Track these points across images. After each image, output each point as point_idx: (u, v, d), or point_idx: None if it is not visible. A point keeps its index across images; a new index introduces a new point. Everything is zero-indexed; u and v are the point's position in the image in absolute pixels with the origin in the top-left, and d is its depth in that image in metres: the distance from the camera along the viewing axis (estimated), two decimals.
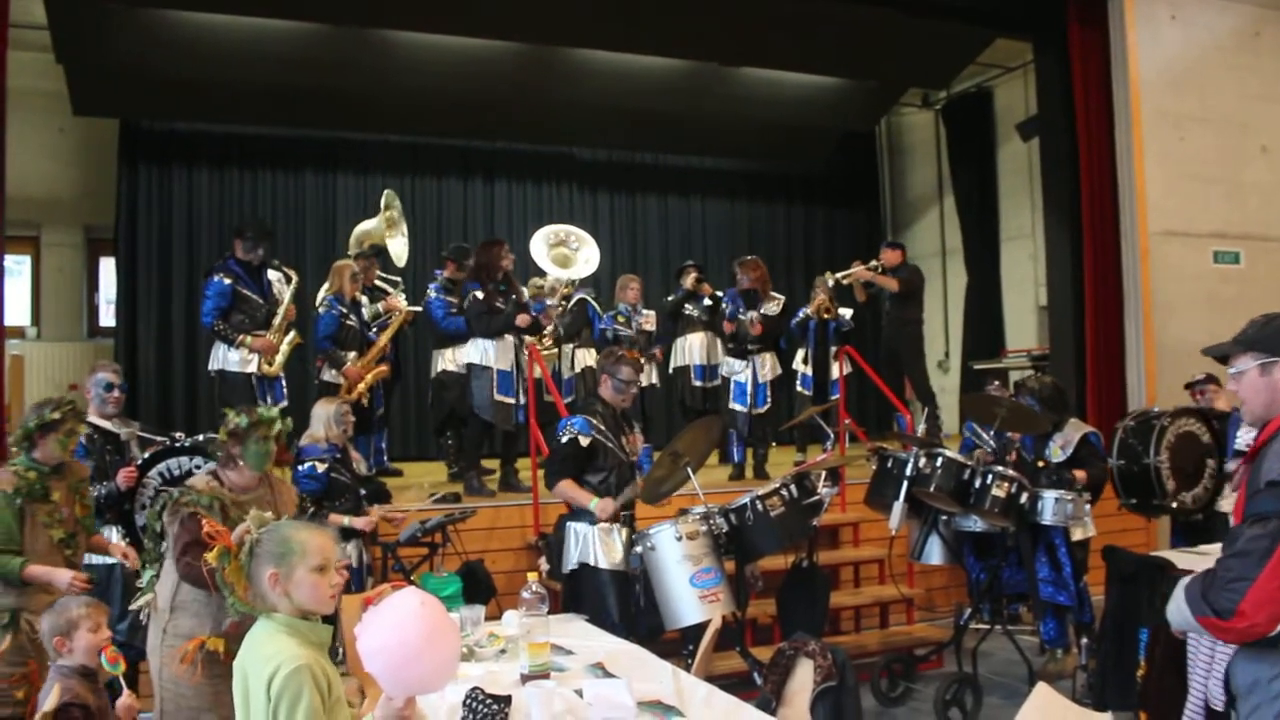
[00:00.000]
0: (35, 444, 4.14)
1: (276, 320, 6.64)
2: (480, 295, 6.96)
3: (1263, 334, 2.60)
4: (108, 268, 10.28)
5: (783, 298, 8.28)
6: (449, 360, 7.78)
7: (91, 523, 4.40)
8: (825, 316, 8.80)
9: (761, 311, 7.94)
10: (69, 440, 4.22)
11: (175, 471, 4.99)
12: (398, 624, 2.59)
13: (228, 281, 6.54)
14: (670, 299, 8.68)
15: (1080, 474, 5.60)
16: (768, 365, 8.05)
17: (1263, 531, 2.29)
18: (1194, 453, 5.98)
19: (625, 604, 4.68)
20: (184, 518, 3.64)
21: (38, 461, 4.15)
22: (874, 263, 9.05)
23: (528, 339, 7.19)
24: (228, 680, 3.61)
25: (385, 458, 8.50)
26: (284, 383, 6.76)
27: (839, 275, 9.01)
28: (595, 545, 4.74)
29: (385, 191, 8.93)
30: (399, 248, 8.74)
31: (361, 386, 7.23)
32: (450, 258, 8.23)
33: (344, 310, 7.40)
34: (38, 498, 4.11)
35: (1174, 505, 5.95)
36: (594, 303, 8.58)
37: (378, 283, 8.33)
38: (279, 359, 6.62)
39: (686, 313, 8.47)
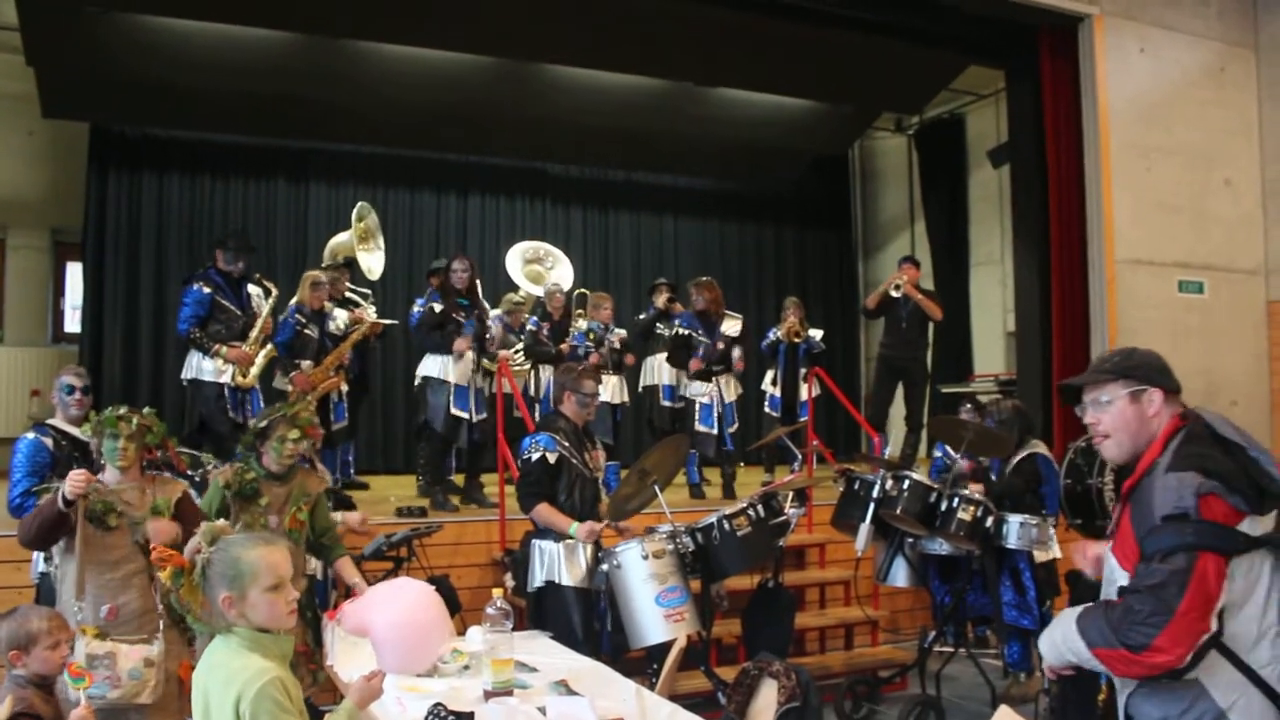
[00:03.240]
0: (260, 451, 4.44)
1: (253, 333, 6.63)
2: (437, 309, 7.00)
3: (1129, 363, 2.61)
4: (74, 272, 10.15)
5: (741, 317, 8.32)
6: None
7: (300, 538, 4.48)
8: (795, 340, 8.83)
9: (722, 332, 8.00)
10: (282, 447, 4.42)
11: None
12: (419, 604, 2.61)
13: (207, 290, 6.54)
14: (641, 317, 8.70)
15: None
16: (731, 386, 8.10)
17: (1173, 567, 2.30)
18: None
19: (589, 622, 4.67)
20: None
21: (262, 465, 4.43)
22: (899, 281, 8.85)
23: (501, 354, 7.20)
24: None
25: (352, 470, 8.45)
26: (259, 395, 6.73)
27: (895, 282, 8.75)
28: (560, 563, 4.73)
29: (359, 204, 8.91)
30: (372, 261, 8.71)
31: (310, 397, 7.17)
32: (433, 273, 8.25)
33: (302, 320, 7.37)
34: (246, 496, 4.34)
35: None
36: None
37: (348, 294, 8.30)
38: (254, 371, 6.60)
39: (658, 332, 8.49)
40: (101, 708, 3.52)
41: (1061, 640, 2.48)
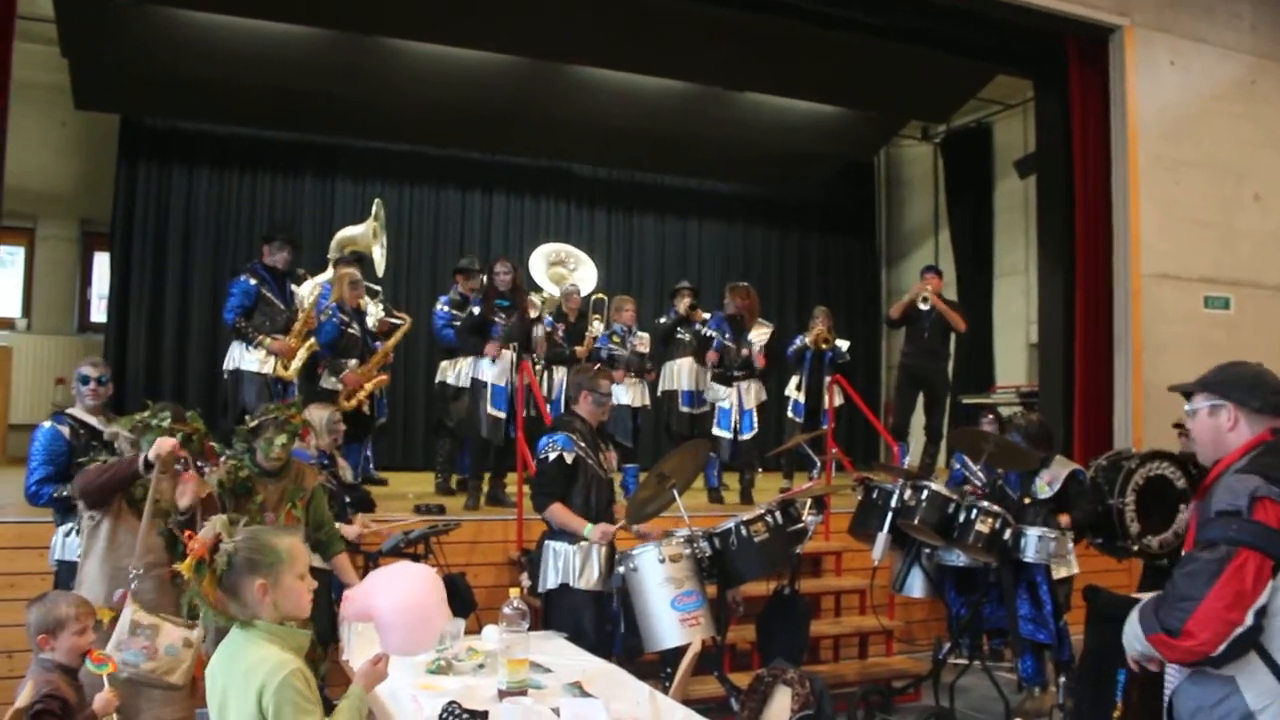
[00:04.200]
0: (252, 448, 4.43)
1: (297, 325, 6.72)
2: (476, 312, 7.05)
3: (1218, 378, 2.75)
4: (102, 263, 10.26)
5: (772, 326, 8.31)
6: (447, 372, 7.80)
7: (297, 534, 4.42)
8: (824, 347, 8.78)
9: (752, 340, 8.00)
10: (270, 447, 4.41)
11: None
12: (421, 586, 2.67)
13: (253, 283, 6.73)
14: (662, 321, 8.68)
15: (1065, 518, 5.60)
16: (753, 391, 8.08)
17: (1211, 556, 2.43)
18: (1166, 497, 5.96)
19: (602, 625, 4.66)
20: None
21: (255, 462, 4.41)
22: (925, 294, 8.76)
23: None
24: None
25: (371, 466, 8.49)
26: (296, 388, 6.81)
27: (920, 293, 8.67)
28: (574, 565, 4.71)
29: (375, 200, 8.94)
30: (380, 256, 8.76)
31: (361, 394, 7.24)
32: (459, 272, 8.28)
33: (345, 318, 7.43)
34: (240, 494, 4.35)
35: (1136, 548, 5.95)
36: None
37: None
38: (295, 364, 6.68)
39: (678, 337, 8.49)
40: (130, 677, 3.55)
41: (1132, 634, 2.60)
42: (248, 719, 2.36)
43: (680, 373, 8.41)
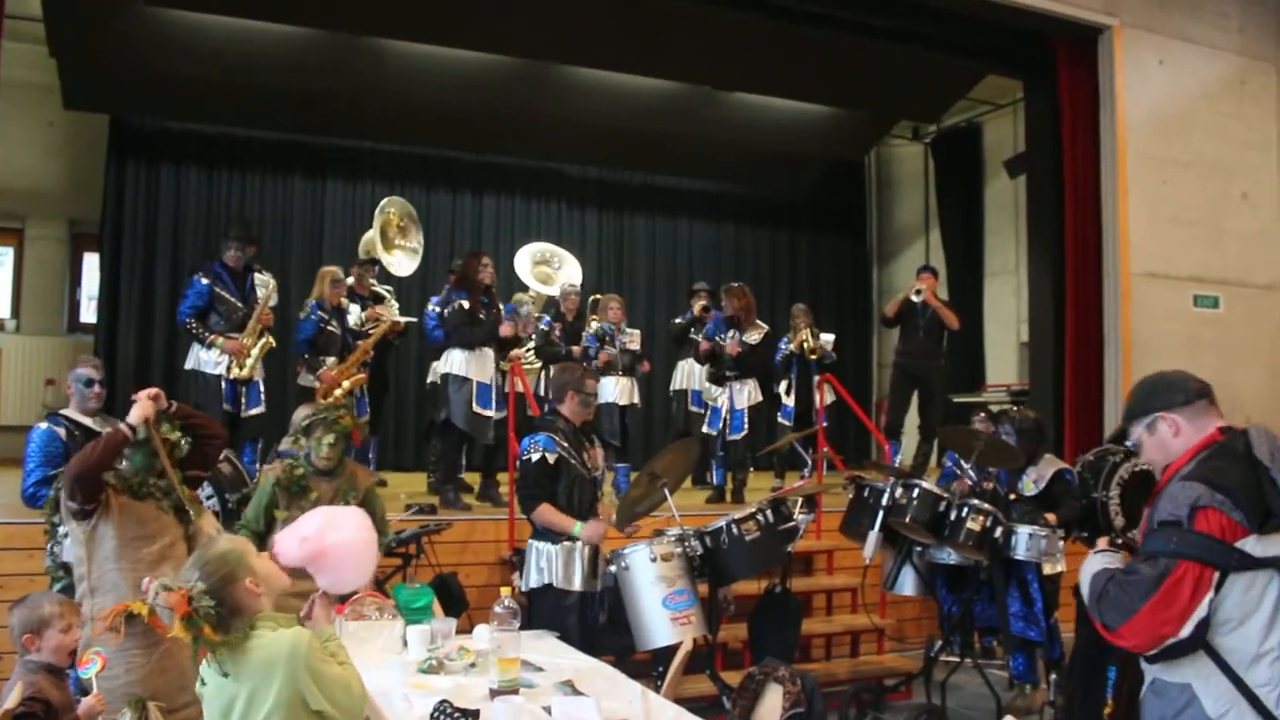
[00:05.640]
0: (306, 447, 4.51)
1: (250, 324, 6.66)
2: (466, 305, 6.99)
3: (1136, 401, 2.77)
4: (91, 263, 10.24)
5: (766, 328, 8.29)
6: (438, 371, 7.79)
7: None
8: (813, 357, 8.74)
9: (742, 338, 7.98)
10: (320, 446, 4.50)
11: None
12: (363, 523, 2.81)
13: (205, 282, 6.67)
14: (678, 321, 8.66)
15: (1051, 517, 5.61)
16: (746, 392, 8.07)
17: (1150, 571, 2.43)
18: (1151, 492, 5.96)
19: (586, 626, 4.62)
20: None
21: (310, 461, 4.50)
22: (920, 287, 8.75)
23: (513, 353, 7.20)
24: (155, 651, 3.58)
25: (373, 467, 8.47)
26: (261, 387, 6.76)
27: (917, 288, 8.64)
28: (558, 566, 4.67)
29: (386, 199, 8.88)
30: (394, 259, 8.70)
31: (338, 392, 7.21)
32: (453, 273, 8.27)
33: (324, 316, 7.42)
34: (295, 492, 4.42)
35: (1120, 541, 5.94)
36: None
37: (372, 290, 8.34)
38: (249, 362, 6.63)
39: (691, 337, 8.49)
40: None
41: (1084, 577, 2.65)
42: (286, 707, 2.44)
43: (692, 373, 8.41)
